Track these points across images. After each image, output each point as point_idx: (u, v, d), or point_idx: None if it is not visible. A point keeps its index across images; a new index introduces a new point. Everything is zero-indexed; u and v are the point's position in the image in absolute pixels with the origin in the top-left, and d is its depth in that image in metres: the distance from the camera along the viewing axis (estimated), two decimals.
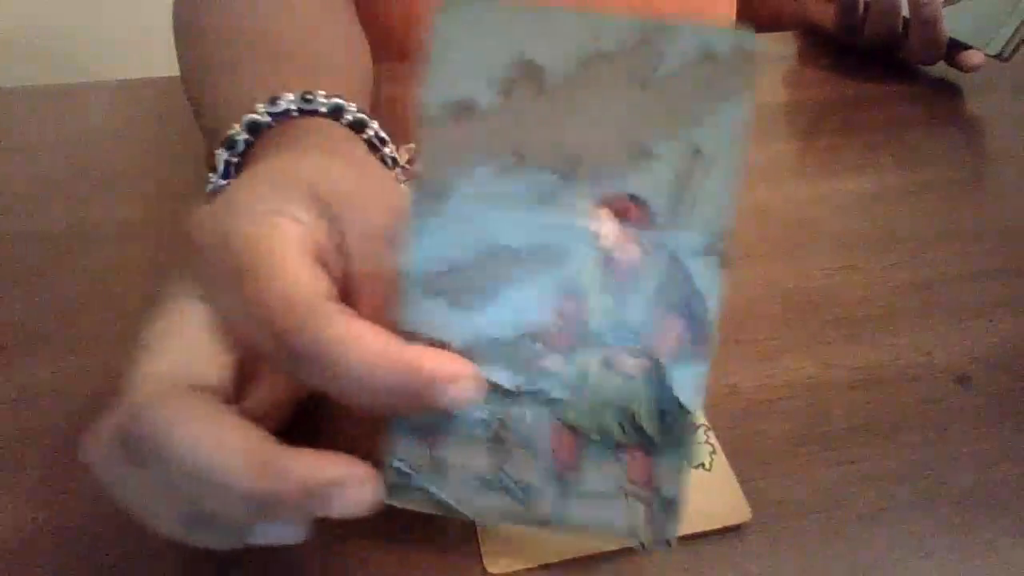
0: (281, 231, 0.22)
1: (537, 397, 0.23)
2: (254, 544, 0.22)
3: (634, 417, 0.22)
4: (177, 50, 0.45)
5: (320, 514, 0.21)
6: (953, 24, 0.55)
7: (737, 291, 0.38)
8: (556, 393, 0.22)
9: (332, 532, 0.27)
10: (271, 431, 0.26)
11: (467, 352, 0.22)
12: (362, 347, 0.20)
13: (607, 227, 0.21)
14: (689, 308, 0.22)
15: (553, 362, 0.22)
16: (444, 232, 0.21)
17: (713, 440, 0.30)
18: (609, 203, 0.21)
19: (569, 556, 0.26)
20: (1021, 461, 0.30)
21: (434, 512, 0.24)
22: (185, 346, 0.22)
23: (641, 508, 0.23)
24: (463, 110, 0.21)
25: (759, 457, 0.30)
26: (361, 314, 0.24)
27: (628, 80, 0.21)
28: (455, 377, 0.21)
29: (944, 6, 0.55)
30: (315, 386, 0.21)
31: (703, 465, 0.29)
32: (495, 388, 0.22)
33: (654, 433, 0.22)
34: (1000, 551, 0.27)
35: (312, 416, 0.26)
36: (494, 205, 0.21)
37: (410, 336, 0.22)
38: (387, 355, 0.20)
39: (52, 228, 0.41)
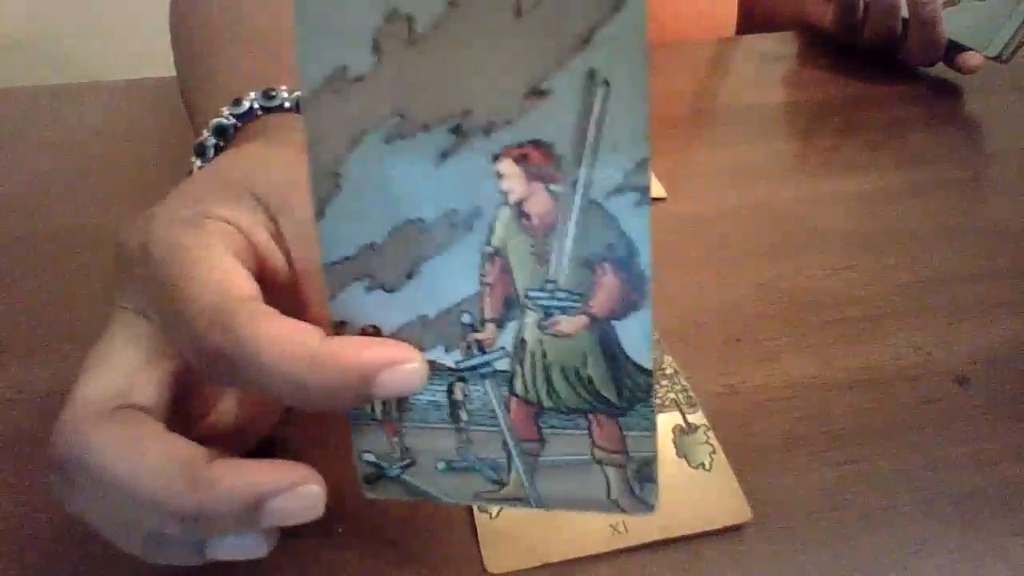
0: (201, 236, 0.22)
1: (480, 372, 0.22)
2: (214, 559, 0.22)
3: (587, 380, 0.21)
4: (172, 50, 0.45)
5: (264, 524, 0.20)
6: (952, 25, 0.55)
7: (737, 291, 0.38)
8: (499, 365, 0.22)
9: (332, 532, 0.27)
10: (249, 442, 0.26)
11: (399, 335, 0.21)
12: (282, 346, 0.20)
13: (512, 180, 0.20)
14: (617, 253, 0.20)
15: (488, 333, 0.21)
16: (348, 214, 0.20)
17: (713, 440, 0.30)
18: (510, 153, 0.20)
19: (569, 556, 0.26)
20: (1021, 461, 0.30)
21: (412, 499, 0.24)
22: (119, 365, 0.22)
23: (616, 474, 0.22)
24: (339, 80, 0.19)
25: (759, 457, 0.30)
26: (312, 305, 0.24)
27: (499, 9, 0.19)
28: (390, 363, 0.20)
29: (944, 7, 0.55)
30: (245, 391, 0.21)
31: (703, 465, 0.29)
32: (437, 368, 0.22)
33: (611, 394, 0.21)
34: (1000, 551, 0.27)
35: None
36: (391, 176, 0.20)
37: (341, 327, 0.21)
38: (311, 352, 0.20)
39: (52, 228, 0.41)
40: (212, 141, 0.31)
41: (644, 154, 0.19)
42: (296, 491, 0.20)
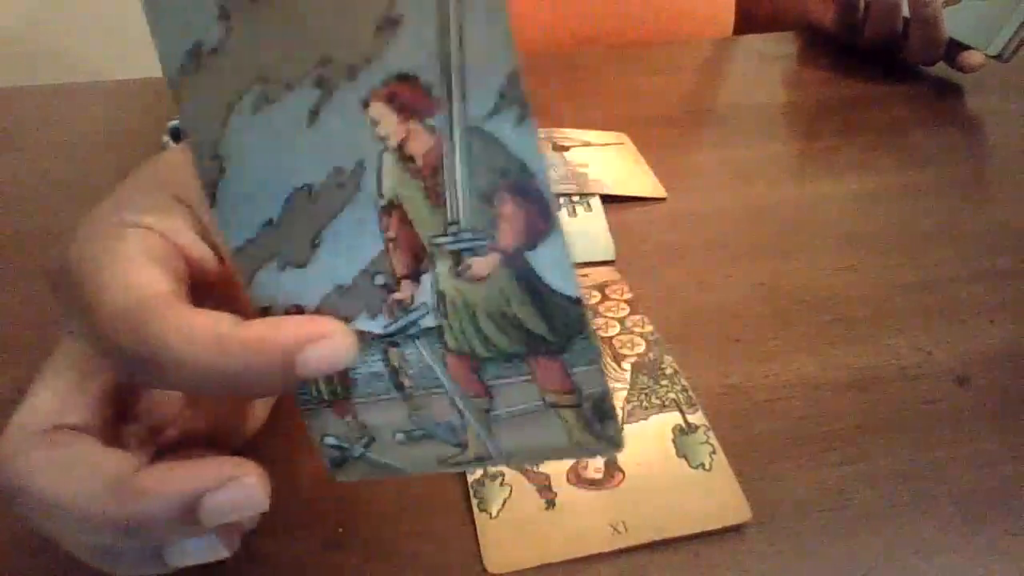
0: (110, 245, 0.22)
1: (409, 333, 0.21)
2: (179, 566, 0.22)
3: (515, 320, 0.20)
4: None
5: (207, 524, 0.20)
6: (953, 24, 0.55)
7: (737, 291, 0.38)
8: (425, 322, 0.21)
9: (332, 532, 0.27)
10: (230, 447, 0.26)
11: (321, 310, 0.21)
12: (190, 336, 0.19)
13: (387, 123, 0.19)
14: (511, 178, 0.18)
15: (405, 291, 0.20)
16: (239, 195, 0.20)
17: (713, 440, 0.30)
18: (378, 95, 0.18)
19: (569, 556, 0.26)
20: (1021, 461, 0.30)
21: (381, 477, 0.23)
22: (53, 388, 0.22)
23: (573, 415, 0.21)
24: (196, 57, 0.18)
25: (759, 457, 0.30)
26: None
27: None
28: (313, 337, 0.20)
29: (944, 6, 0.55)
30: (173, 388, 0.21)
31: (703, 465, 0.29)
32: (368, 338, 0.21)
33: (543, 331, 0.20)
34: (1000, 550, 0.27)
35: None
36: (268, 146, 0.19)
37: (265, 312, 0.21)
38: (228, 339, 0.19)
39: (52, 228, 0.41)
40: (171, 144, 0.31)
41: (513, 66, 0.18)
42: (229, 486, 0.20)
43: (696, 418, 0.31)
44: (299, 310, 0.21)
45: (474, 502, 0.28)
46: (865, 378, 0.33)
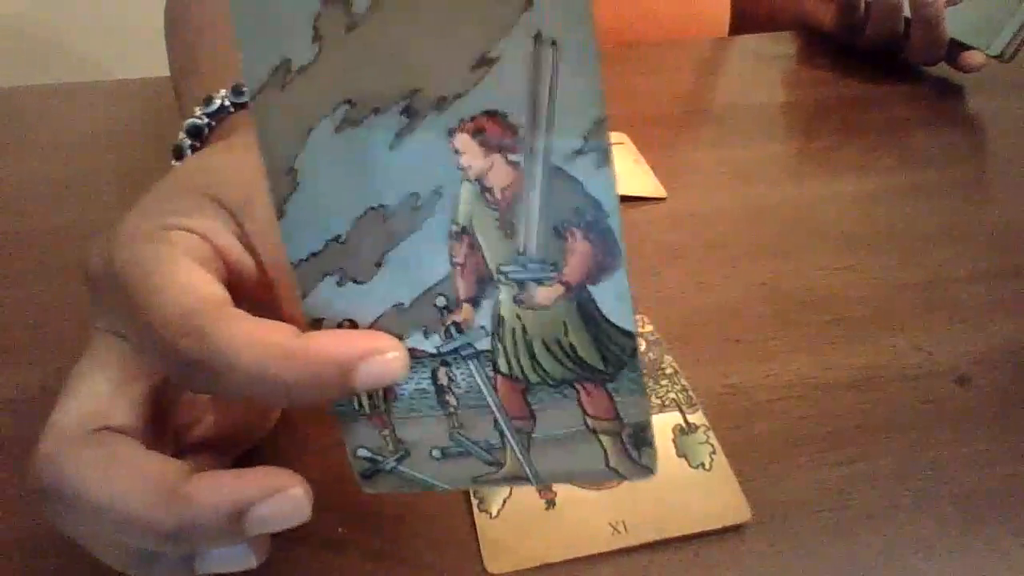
0: (162, 248, 0.22)
1: (462, 353, 0.22)
2: (206, 572, 0.22)
3: (570, 349, 0.21)
4: (167, 49, 0.45)
5: (249, 534, 0.20)
6: (954, 24, 0.55)
7: (737, 291, 0.38)
8: (480, 345, 0.21)
9: (332, 533, 0.27)
10: (241, 448, 0.26)
11: (376, 326, 0.21)
12: (257, 346, 0.20)
13: (470, 154, 0.19)
14: (585, 217, 0.19)
15: (464, 313, 0.21)
16: (309, 209, 0.20)
17: (713, 440, 0.30)
18: (465, 127, 0.19)
19: (569, 556, 0.26)
20: (1021, 461, 0.30)
21: (412, 490, 0.23)
22: (94, 389, 0.22)
23: (611, 442, 0.22)
24: (284, 73, 0.19)
25: (759, 457, 0.30)
26: (285, 304, 0.24)
27: None
28: (369, 353, 0.20)
29: (946, 6, 0.55)
30: (225, 395, 0.21)
31: (703, 465, 0.29)
32: (419, 355, 0.21)
33: (595, 361, 0.21)
34: (1000, 550, 0.27)
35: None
36: (347, 165, 0.20)
37: (317, 325, 0.21)
38: (284, 350, 0.20)
39: (52, 228, 0.41)
40: (188, 142, 0.31)
41: (600, 113, 0.18)
42: (276, 497, 0.20)
43: (696, 418, 0.31)
44: (352, 325, 0.21)
45: (474, 502, 0.28)
46: (865, 378, 0.33)
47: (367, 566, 0.26)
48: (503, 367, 0.22)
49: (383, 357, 0.20)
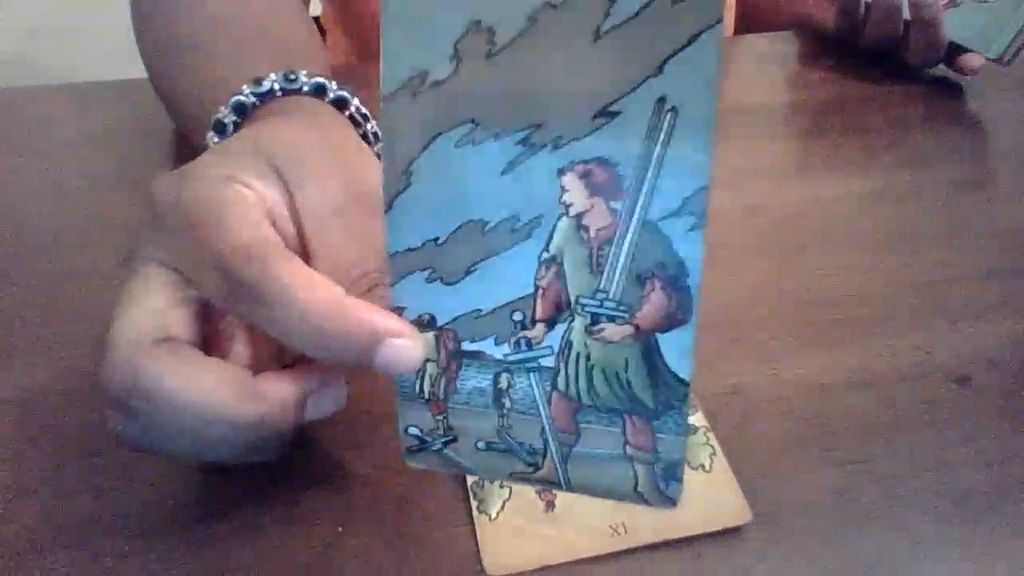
0: (230, 192, 0.24)
1: (527, 366, 0.23)
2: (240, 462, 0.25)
3: (627, 384, 0.23)
4: (139, 41, 0.45)
5: (308, 419, 0.25)
6: (954, 27, 0.55)
7: (737, 291, 0.38)
8: (544, 362, 0.23)
9: (332, 532, 0.27)
10: None
11: (453, 325, 0.23)
12: (312, 291, 0.22)
13: (575, 193, 0.21)
14: (667, 272, 0.21)
15: (537, 332, 0.23)
16: (416, 209, 0.22)
17: (713, 441, 0.30)
18: (575, 168, 0.21)
19: (569, 558, 0.26)
20: (1021, 461, 0.30)
21: (449, 471, 0.26)
22: (149, 307, 0.24)
23: (644, 470, 0.24)
24: (419, 83, 0.20)
25: (759, 457, 0.30)
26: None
27: (579, 31, 0.19)
28: (398, 334, 0.22)
29: (945, 9, 0.55)
30: (263, 328, 0.23)
31: (703, 466, 0.29)
32: (485, 359, 0.23)
33: (647, 399, 0.23)
34: (1001, 550, 0.27)
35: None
36: (460, 178, 0.21)
37: (399, 311, 0.23)
38: (336, 304, 0.22)
39: (53, 228, 0.41)
40: (232, 118, 0.32)
41: (703, 182, 0.20)
42: (330, 387, 0.25)
43: (696, 419, 0.31)
44: (431, 319, 0.23)
45: (473, 504, 0.28)
46: (865, 378, 0.33)
47: (367, 567, 0.26)
48: (561, 385, 0.23)
49: (406, 344, 0.22)
